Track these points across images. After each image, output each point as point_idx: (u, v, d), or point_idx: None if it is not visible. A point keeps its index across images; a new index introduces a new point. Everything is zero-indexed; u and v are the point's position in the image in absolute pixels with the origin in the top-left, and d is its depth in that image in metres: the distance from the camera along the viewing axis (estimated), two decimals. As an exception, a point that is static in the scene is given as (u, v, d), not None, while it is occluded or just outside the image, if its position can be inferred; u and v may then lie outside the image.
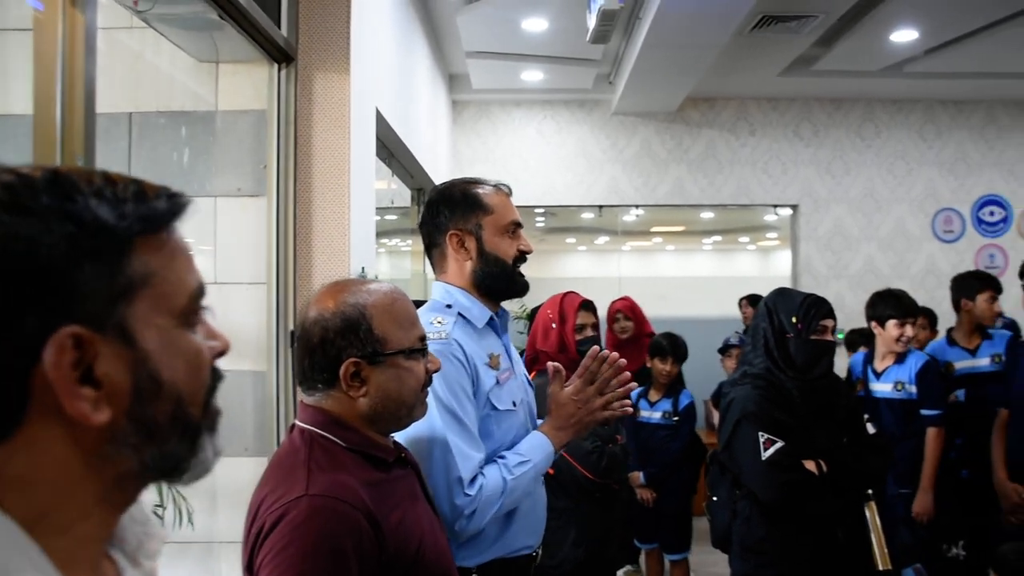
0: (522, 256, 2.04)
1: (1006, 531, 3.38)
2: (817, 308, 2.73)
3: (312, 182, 3.10)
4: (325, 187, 3.11)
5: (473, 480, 1.80)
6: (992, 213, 7.48)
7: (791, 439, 2.62)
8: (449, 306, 1.96)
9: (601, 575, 3.27)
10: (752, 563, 2.70)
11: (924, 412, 3.83)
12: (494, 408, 1.93)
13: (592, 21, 4.64)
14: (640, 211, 7.42)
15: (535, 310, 3.87)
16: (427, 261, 2.16)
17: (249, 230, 3.09)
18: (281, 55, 3.04)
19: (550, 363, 2.03)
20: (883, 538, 2.75)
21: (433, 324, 1.89)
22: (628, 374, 1.99)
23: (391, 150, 4.61)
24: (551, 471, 2.80)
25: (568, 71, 6.26)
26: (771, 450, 2.59)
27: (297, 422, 1.49)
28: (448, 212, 2.00)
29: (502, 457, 1.90)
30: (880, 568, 2.71)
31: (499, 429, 1.94)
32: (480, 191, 2.01)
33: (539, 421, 2.06)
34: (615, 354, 1.99)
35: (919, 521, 3.70)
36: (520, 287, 2.05)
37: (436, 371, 1.58)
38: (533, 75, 6.38)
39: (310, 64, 3.11)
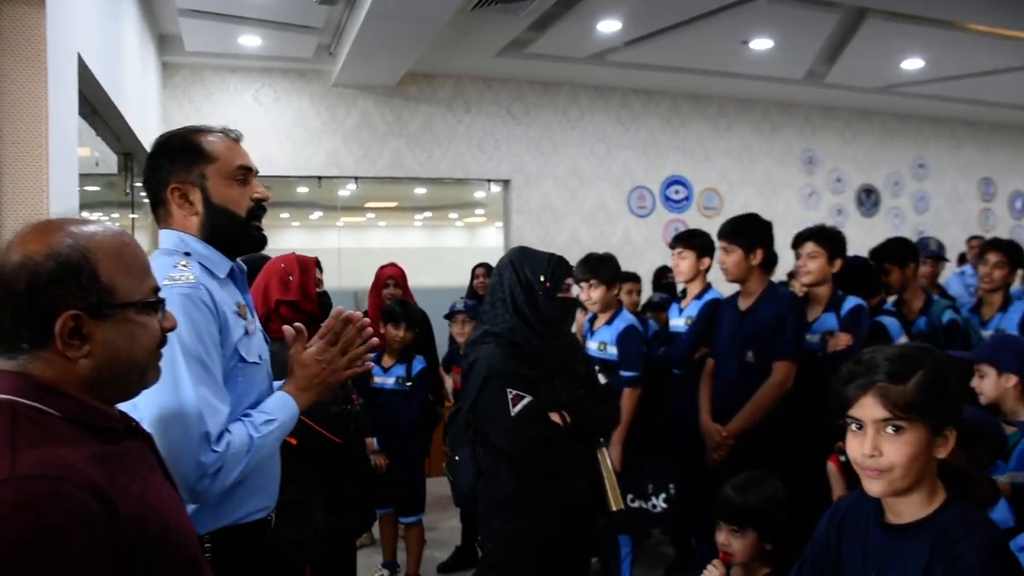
0: (258, 205, 1.91)
1: (703, 484, 3.72)
2: (563, 267, 2.84)
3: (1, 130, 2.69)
4: (16, 137, 2.62)
5: (220, 436, 1.67)
6: (677, 192, 8.31)
7: (537, 393, 2.69)
8: (188, 254, 1.80)
9: (346, 541, 3.24)
10: (502, 517, 2.74)
11: (622, 373, 4.05)
12: (242, 359, 1.82)
13: (321, -19, 4.52)
14: (356, 186, 7.35)
15: None
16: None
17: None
18: (-47, -25, 2.57)
19: (286, 327, 1.94)
20: (615, 480, 2.95)
21: (177, 268, 1.73)
22: (372, 331, 1.98)
23: (95, 106, 4.18)
24: (293, 440, 2.71)
25: (288, 38, 6.03)
26: (520, 405, 2.64)
27: None
28: (168, 164, 1.83)
29: (247, 415, 1.79)
30: (613, 508, 2.90)
31: (245, 382, 1.84)
32: (203, 138, 1.86)
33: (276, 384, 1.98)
34: (358, 313, 1.96)
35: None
36: (256, 240, 1.93)
37: (172, 329, 1.35)
38: (251, 40, 6.05)
39: (-7, -10, 2.58)
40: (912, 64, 7.43)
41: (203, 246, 1.84)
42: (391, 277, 4.97)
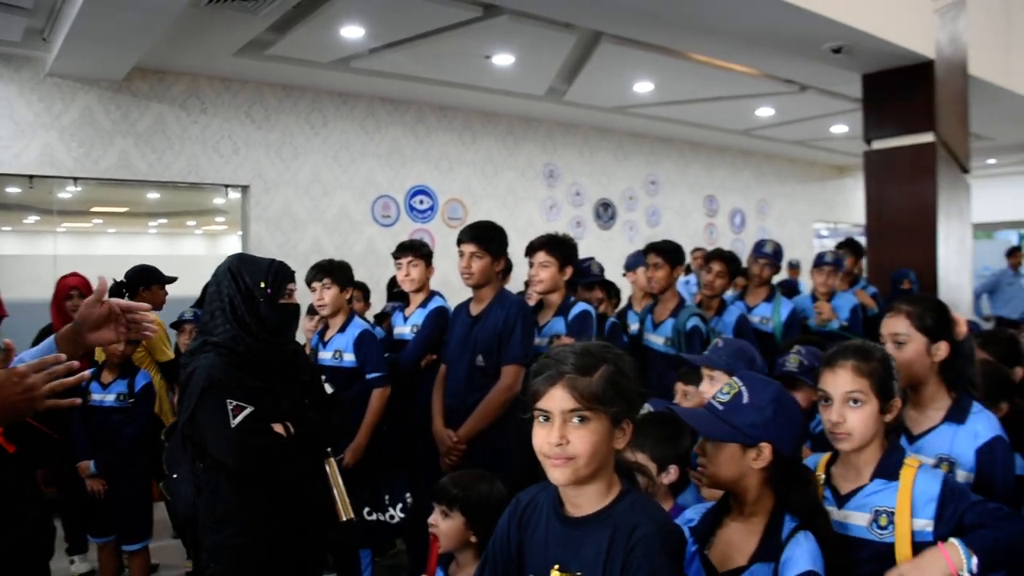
0: None
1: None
2: (283, 273, 2.77)
3: None
4: None
5: None
6: (422, 202, 8.33)
7: (259, 404, 2.61)
8: None
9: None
10: (224, 533, 2.63)
11: (368, 375, 4.06)
12: None
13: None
14: (77, 187, 6.75)
15: None
16: None
17: None
18: None
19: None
20: (344, 491, 2.90)
21: None
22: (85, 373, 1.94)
23: None
24: (11, 447, 2.43)
25: (-10, 17, 5.40)
26: (240, 416, 2.55)
27: None
28: None
29: None
30: (343, 518, 2.85)
31: None
32: None
33: None
34: (75, 363, 1.88)
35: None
36: None
37: None
38: (-59, 16, 5.35)
39: None
40: (643, 87, 7.94)
41: None
42: (74, 288, 4.60)
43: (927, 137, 6.51)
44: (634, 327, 4.81)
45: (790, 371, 3.01)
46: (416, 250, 4.35)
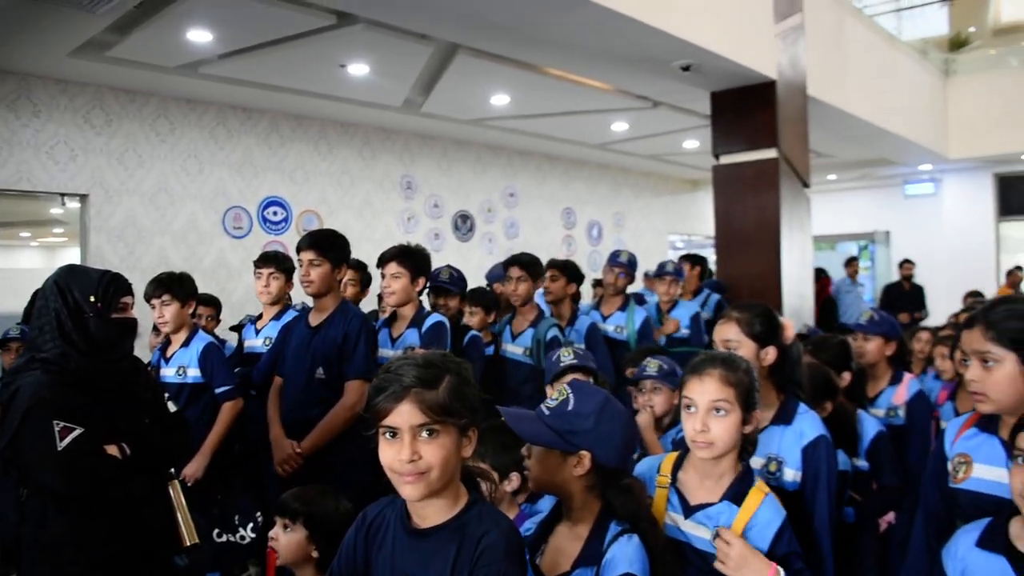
0: None
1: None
2: (117, 285, 2.60)
3: None
4: None
5: None
6: (276, 213, 8.11)
7: (90, 424, 2.45)
8: None
9: None
10: (49, 565, 2.45)
11: (217, 390, 3.98)
12: None
13: None
14: None
15: None
16: None
17: None
18: None
19: None
20: (188, 514, 2.76)
21: None
22: None
23: None
24: None
25: None
26: (68, 439, 2.38)
27: None
28: None
29: None
30: (187, 543, 2.72)
31: None
32: None
33: None
34: None
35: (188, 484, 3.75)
36: None
37: None
38: None
39: None
40: (500, 100, 8.00)
41: None
42: None
43: (771, 153, 6.82)
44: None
45: (650, 375, 3.10)
46: (278, 263, 4.33)
